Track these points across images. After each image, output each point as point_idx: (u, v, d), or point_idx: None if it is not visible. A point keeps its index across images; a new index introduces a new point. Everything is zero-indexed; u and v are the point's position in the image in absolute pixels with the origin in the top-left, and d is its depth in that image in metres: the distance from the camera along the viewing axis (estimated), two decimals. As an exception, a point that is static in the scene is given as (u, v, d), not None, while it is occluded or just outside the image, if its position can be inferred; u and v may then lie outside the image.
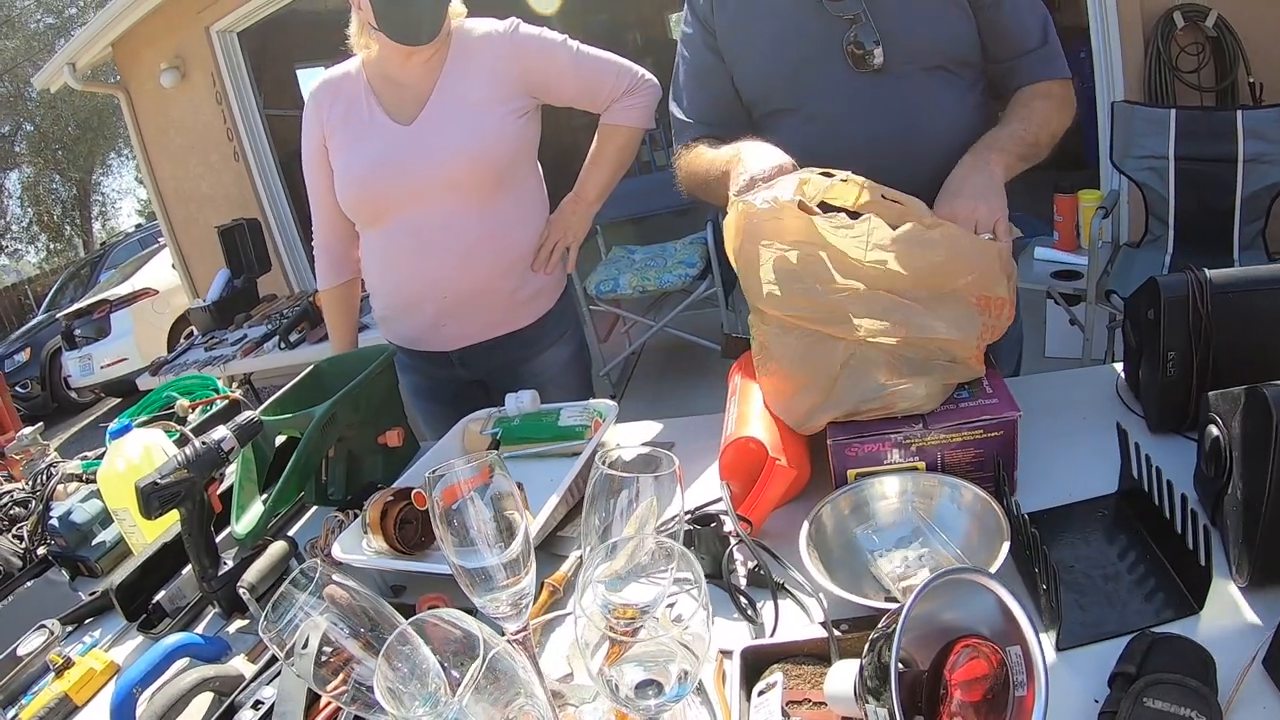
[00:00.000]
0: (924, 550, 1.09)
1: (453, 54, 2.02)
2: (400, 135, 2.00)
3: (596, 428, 1.61)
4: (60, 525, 1.95)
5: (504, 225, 2.09)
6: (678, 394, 4.90)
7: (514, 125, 2.03)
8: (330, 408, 1.65)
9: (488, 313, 2.14)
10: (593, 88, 2.13)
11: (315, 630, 0.99)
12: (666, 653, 0.72)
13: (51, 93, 10.44)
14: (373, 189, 2.03)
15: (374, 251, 2.15)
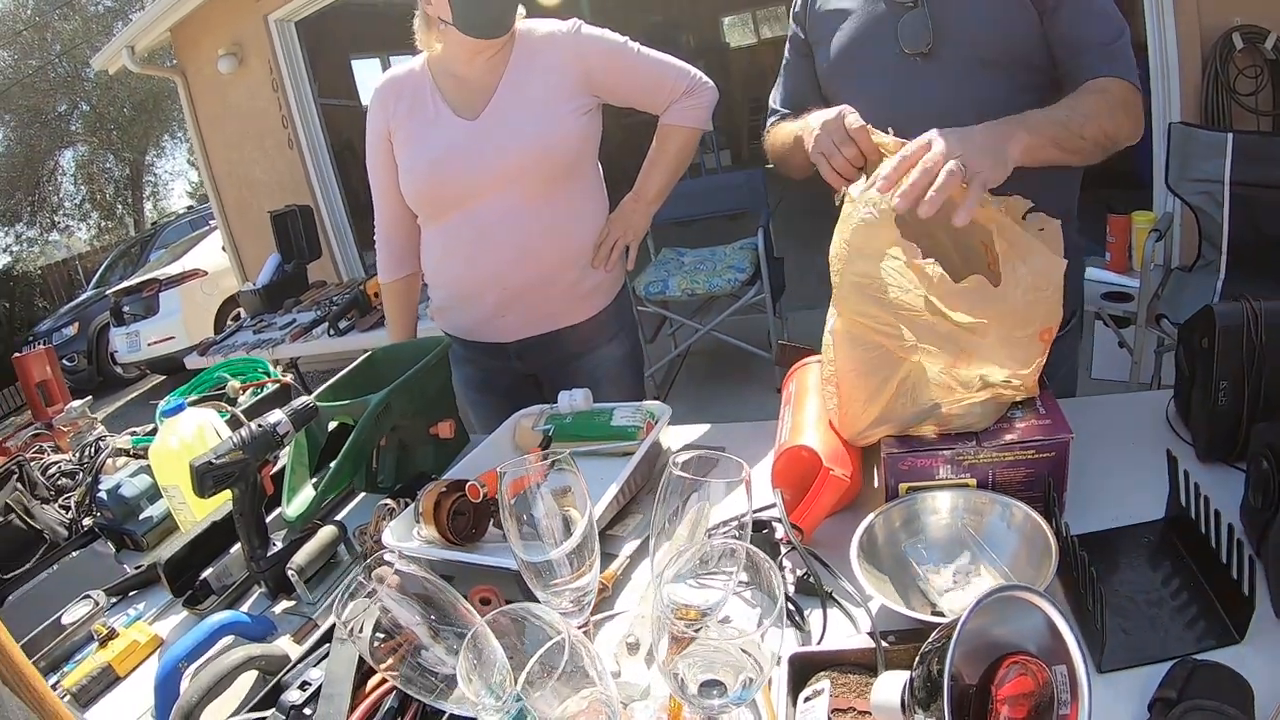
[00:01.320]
0: (972, 567, 1.10)
1: (516, 52, 2.07)
2: (466, 129, 2.05)
3: (649, 429, 1.62)
4: (108, 498, 1.98)
5: (566, 219, 2.14)
6: (722, 399, 4.90)
7: (577, 122, 2.08)
8: (385, 397, 1.68)
9: (546, 305, 2.19)
10: (653, 88, 2.17)
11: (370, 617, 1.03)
12: (723, 655, 0.74)
13: (109, 74, 10.60)
14: (439, 181, 2.08)
15: (437, 243, 2.20)
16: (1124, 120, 1.45)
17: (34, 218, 22.55)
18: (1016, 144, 1.28)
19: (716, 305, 5.10)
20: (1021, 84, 1.54)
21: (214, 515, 1.73)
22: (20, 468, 2.22)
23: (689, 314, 5.16)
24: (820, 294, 1.36)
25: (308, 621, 1.47)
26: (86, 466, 2.22)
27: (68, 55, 20.56)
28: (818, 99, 1.76)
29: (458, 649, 0.82)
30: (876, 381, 1.22)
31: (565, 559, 0.83)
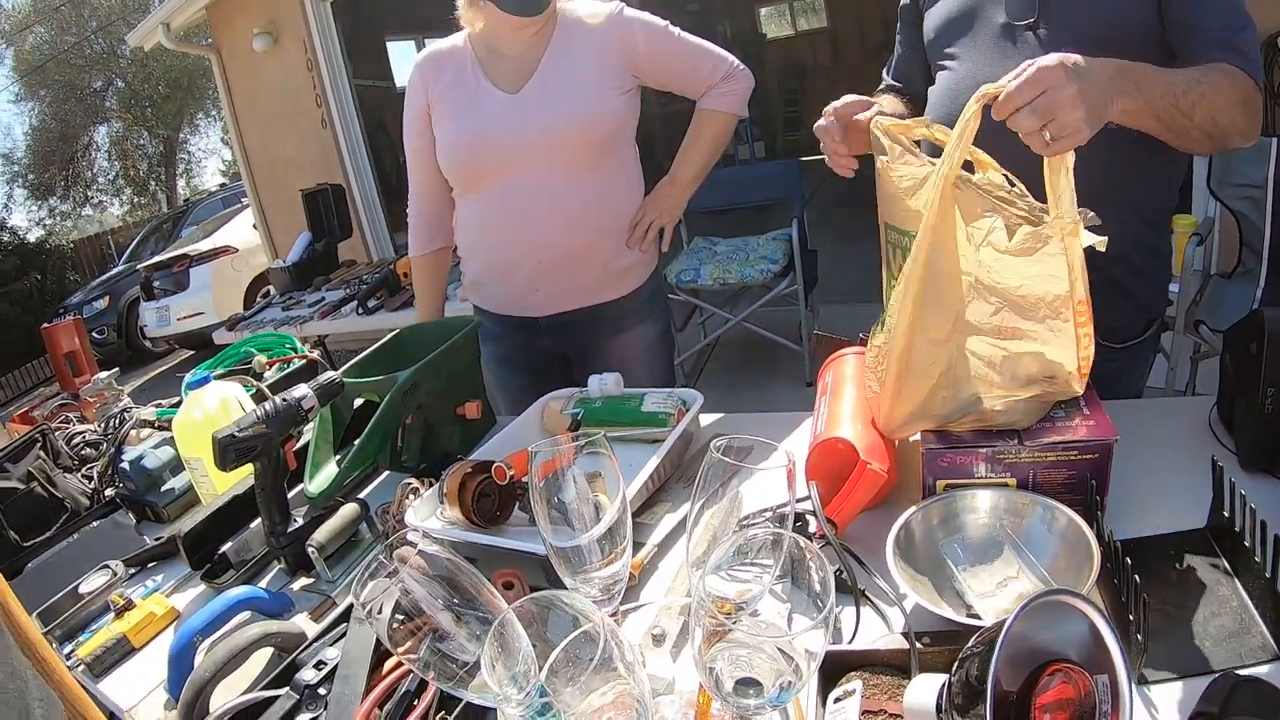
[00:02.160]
0: (1010, 569, 1.07)
1: (559, 30, 2.10)
2: (508, 102, 2.08)
3: (680, 416, 1.60)
4: (131, 469, 1.99)
5: (603, 194, 2.16)
6: (750, 389, 4.89)
7: (617, 100, 2.11)
8: (413, 375, 1.67)
9: (581, 279, 2.21)
10: (692, 73, 2.20)
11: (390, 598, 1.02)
12: (757, 653, 0.72)
13: (145, 51, 10.69)
14: (479, 153, 2.11)
15: (473, 216, 2.23)
16: (1240, 116, 1.35)
17: (67, 192, 22.88)
18: (1119, 102, 1.18)
19: (747, 296, 5.09)
20: None
21: (235, 489, 1.73)
22: (44, 436, 2.23)
23: (720, 303, 5.15)
24: (851, 289, 1.34)
25: (326, 600, 1.46)
26: (110, 437, 2.24)
27: (104, 31, 20.77)
28: (922, 68, 1.74)
29: (480, 635, 0.80)
30: (915, 373, 1.19)
31: (596, 544, 0.81)
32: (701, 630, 0.69)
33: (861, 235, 5.17)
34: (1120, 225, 1.25)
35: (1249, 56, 1.36)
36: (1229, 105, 1.32)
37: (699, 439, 1.64)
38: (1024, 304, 1.15)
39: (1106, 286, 1.41)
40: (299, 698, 1.15)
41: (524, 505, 1.41)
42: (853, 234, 5.78)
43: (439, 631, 0.82)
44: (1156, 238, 1.64)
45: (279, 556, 1.58)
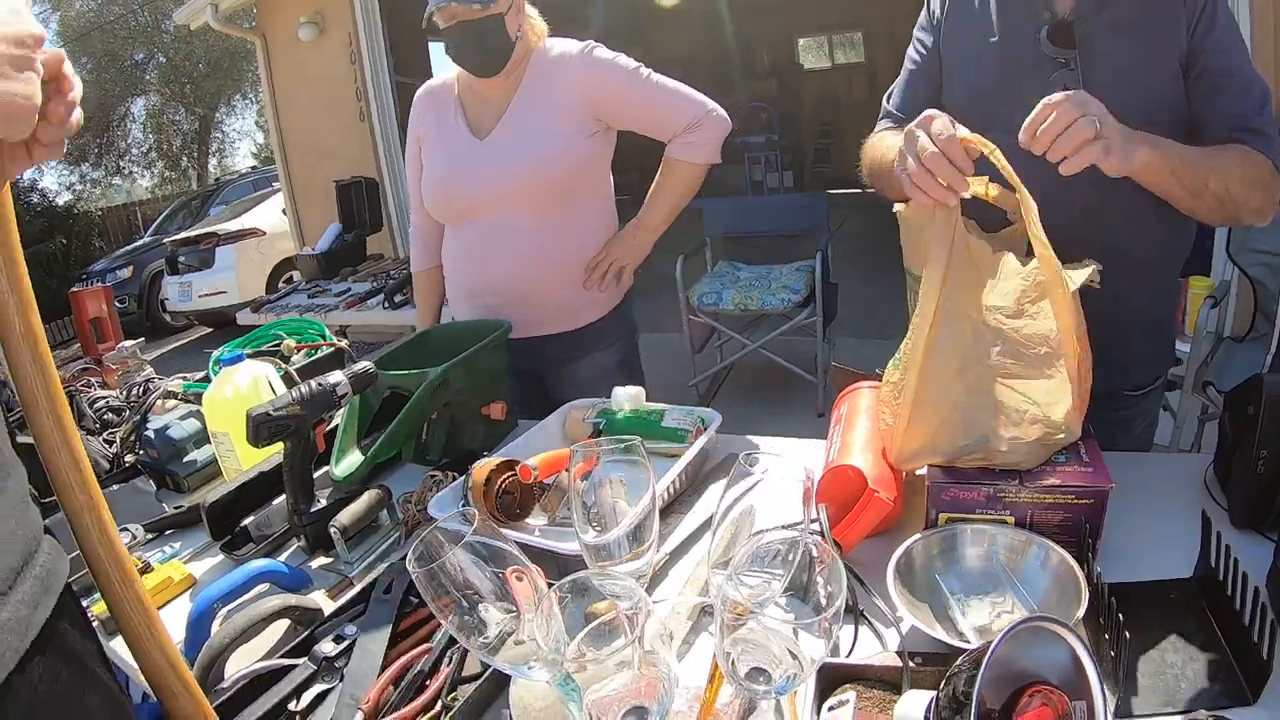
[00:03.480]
0: (1003, 601, 1.13)
1: (529, 74, 2.19)
2: (475, 147, 2.20)
3: (698, 433, 1.64)
4: (156, 438, 2.04)
5: (562, 237, 2.25)
6: (761, 415, 4.91)
7: (579, 144, 2.17)
8: (444, 372, 1.73)
9: (540, 313, 2.29)
10: (658, 119, 2.23)
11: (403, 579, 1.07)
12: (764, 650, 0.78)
13: (189, 29, 10.77)
14: (447, 195, 2.27)
15: (449, 245, 2.39)
16: (1256, 195, 1.40)
17: (100, 160, 22.99)
18: (1142, 151, 1.27)
19: (767, 323, 5.15)
20: None
21: (261, 466, 1.78)
22: (70, 398, 2.29)
23: (739, 328, 5.19)
24: (869, 324, 1.39)
25: (343, 579, 1.51)
26: (135, 405, 2.30)
27: (149, 5, 20.91)
28: (933, 104, 1.69)
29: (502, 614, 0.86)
30: (926, 408, 1.25)
31: (625, 539, 0.87)
32: (723, 622, 0.76)
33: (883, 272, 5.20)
34: (1134, 280, 1.32)
35: (1269, 138, 1.42)
36: (1244, 181, 1.38)
37: (713, 457, 1.69)
38: (1027, 344, 1.23)
39: (1117, 337, 1.47)
40: (316, 668, 1.21)
41: (544, 504, 1.47)
42: (874, 271, 5.82)
43: (475, 602, 0.86)
44: (1167, 295, 1.69)
45: (300, 534, 1.63)
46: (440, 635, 1.21)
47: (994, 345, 1.23)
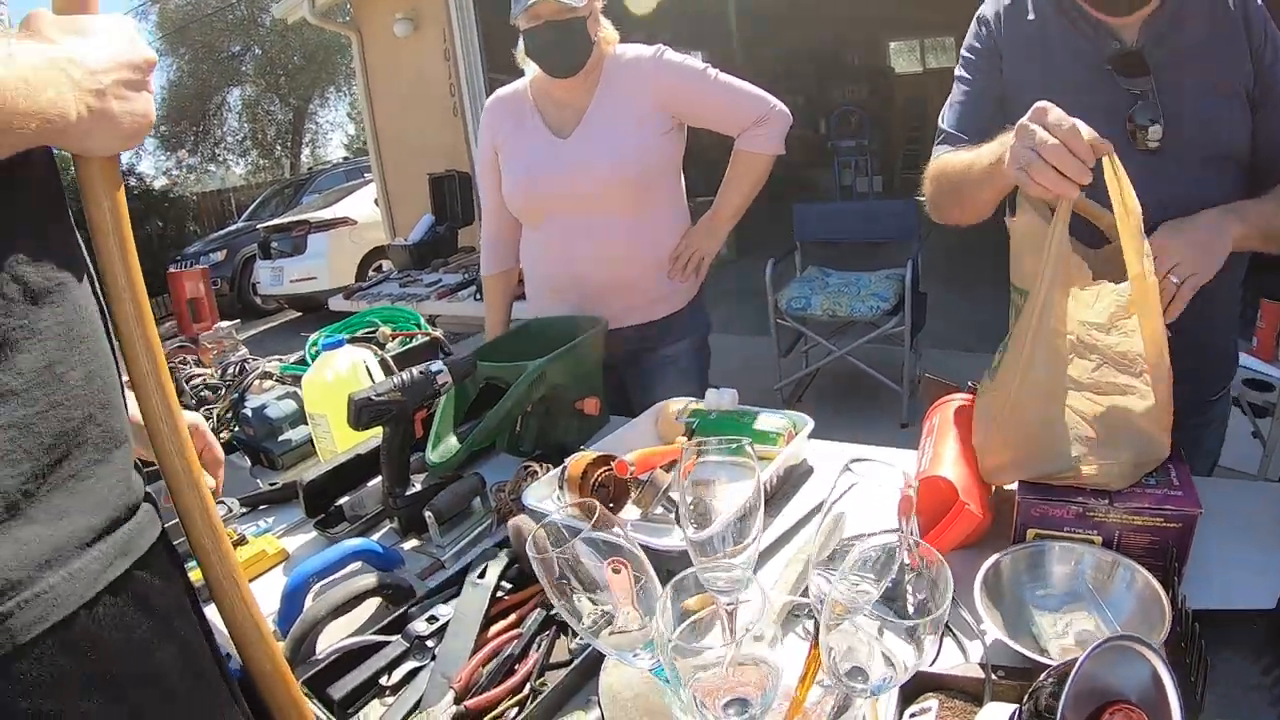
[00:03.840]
0: (1087, 621, 1.13)
1: (605, 77, 2.34)
2: (558, 147, 2.34)
3: (790, 437, 1.66)
4: (253, 416, 2.13)
5: (646, 228, 2.40)
6: (845, 422, 4.85)
7: (657, 142, 2.33)
8: (542, 366, 1.77)
9: (621, 304, 2.42)
10: (728, 114, 2.39)
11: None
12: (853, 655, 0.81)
13: (287, 24, 11.04)
14: (534, 193, 2.36)
15: (532, 243, 2.52)
16: None
17: (196, 147, 23.75)
18: (1230, 239, 1.33)
19: (854, 330, 5.12)
20: (1235, 180, 1.53)
21: (358, 448, 1.84)
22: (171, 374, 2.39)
23: (826, 334, 5.17)
24: (956, 336, 1.39)
25: (435, 562, 1.55)
26: (232, 384, 2.39)
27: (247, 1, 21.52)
28: (995, 125, 1.66)
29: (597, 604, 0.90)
30: (1018, 425, 1.26)
31: (729, 534, 0.90)
32: (826, 620, 0.79)
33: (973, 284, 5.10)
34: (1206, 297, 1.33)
35: None
36: None
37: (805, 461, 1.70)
38: (1121, 362, 1.23)
39: (1192, 348, 1.46)
40: (408, 646, 1.25)
41: (637, 500, 1.49)
42: (964, 282, 5.80)
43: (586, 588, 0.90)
44: (1228, 303, 1.70)
45: (393, 516, 1.68)
46: (530, 621, 1.26)
47: (1088, 362, 1.24)
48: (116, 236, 0.91)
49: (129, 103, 0.84)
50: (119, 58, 0.83)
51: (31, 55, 0.74)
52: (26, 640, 0.71)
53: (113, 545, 0.80)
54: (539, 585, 1.28)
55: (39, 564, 0.73)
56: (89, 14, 0.86)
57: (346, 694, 1.19)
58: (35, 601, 0.72)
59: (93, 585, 0.77)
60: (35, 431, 0.76)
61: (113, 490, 0.83)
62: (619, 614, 0.90)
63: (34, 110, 0.72)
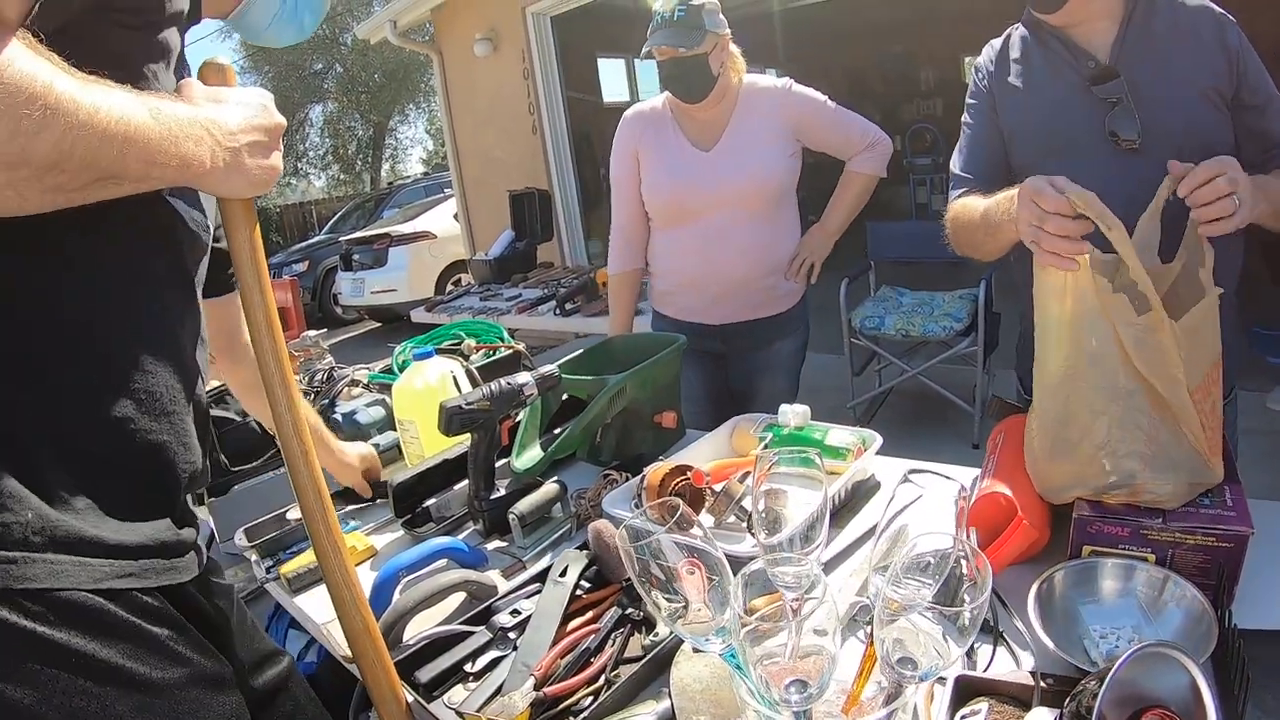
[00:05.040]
0: (1136, 635, 1.18)
1: (741, 101, 2.61)
2: (701, 158, 2.61)
3: (859, 453, 1.70)
4: (344, 420, 2.23)
5: (770, 236, 2.68)
6: (917, 442, 4.82)
7: (784, 163, 2.62)
8: (622, 381, 1.85)
9: (748, 298, 2.71)
10: (844, 140, 2.71)
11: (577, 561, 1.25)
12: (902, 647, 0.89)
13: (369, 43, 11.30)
14: (679, 198, 2.58)
15: (668, 243, 2.74)
16: None
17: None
18: (1260, 204, 1.40)
19: (926, 350, 5.10)
20: None
21: (446, 453, 1.93)
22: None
23: (898, 353, 5.15)
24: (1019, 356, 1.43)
25: (517, 562, 1.64)
26: (322, 390, 2.49)
27: (329, 21, 22.07)
28: (1002, 164, 1.84)
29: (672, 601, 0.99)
30: (1075, 444, 1.31)
31: (797, 539, 0.98)
32: (879, 614, 0.87)
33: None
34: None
35: None
36: None
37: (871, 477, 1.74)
38: (1172, 382, 1.26)
39: None
40: (492, 636, 1.34)
41: (711, 509, 1.56)
42: (1038, 302, 5.65)
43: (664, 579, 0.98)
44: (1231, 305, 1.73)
45: (478, 518, 1.77)
46: (607, 618, 1.33)
47: (1139, 382, 1.27)
48: (252, 262, 1.12)
49: (260, 158, 1.05)
50: (252, 121, 1.03)
51: (179, 113, 0.93)
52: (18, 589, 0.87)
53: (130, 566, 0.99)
54: (616, 586, 1.39)
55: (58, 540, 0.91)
56: (228, 85, 1.07)
57: (433, 677, 1.28)
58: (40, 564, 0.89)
59: (96, 581, 0.94)
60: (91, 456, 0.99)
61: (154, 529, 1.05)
62: (691, 609, 0.97)
63: (176, 154, 0.91)
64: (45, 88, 0.77)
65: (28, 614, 0.87)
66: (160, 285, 1.08)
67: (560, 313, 4.75)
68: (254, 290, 1.13)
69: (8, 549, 0.86)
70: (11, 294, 0.91)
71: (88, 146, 0.81)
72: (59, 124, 0.78)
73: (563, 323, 4.75)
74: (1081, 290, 1.30)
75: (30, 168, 0.78)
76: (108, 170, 0.85)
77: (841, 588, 1.31)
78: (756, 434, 1.86)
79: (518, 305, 5.10)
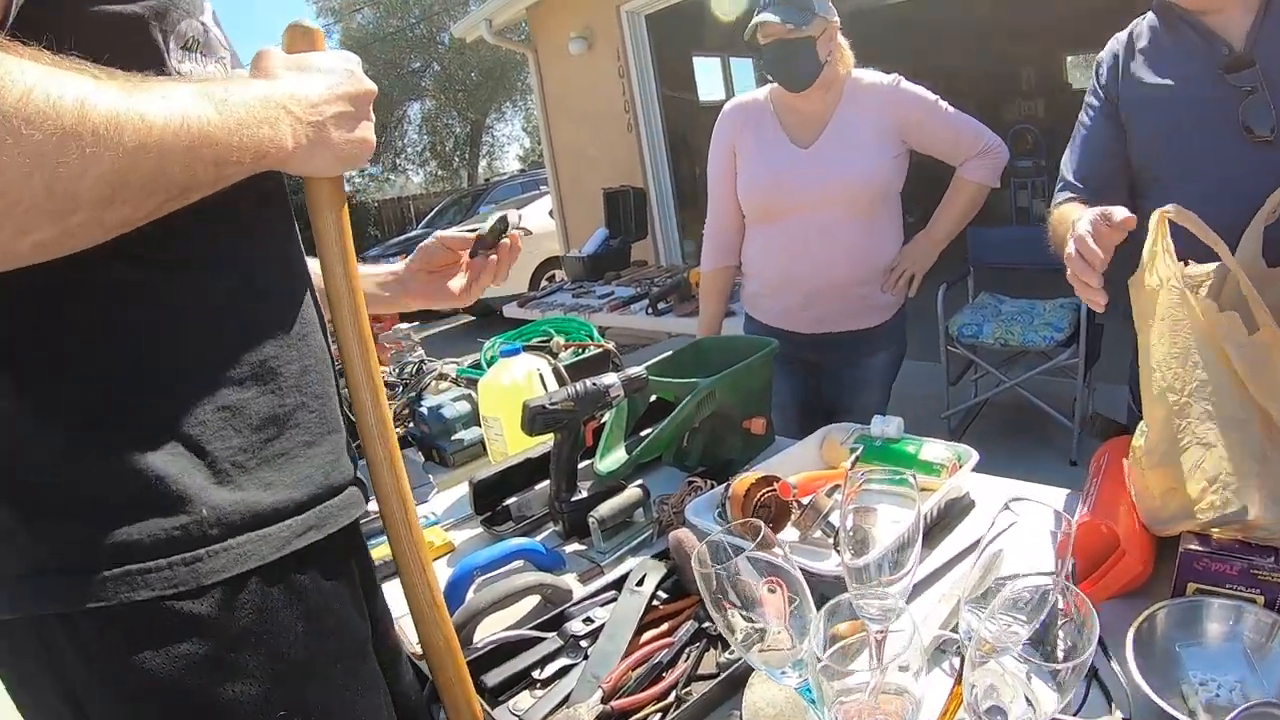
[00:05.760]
0: (1239, 684, 1.10)
1: (845, 95, 2.52)
2: (799, 155, 2.53)
3: (954, 470, 1.63)
4: (429, 414, 2.25)
5: (869, 240, 2.57)
6: (1012, 456, 4.65)
7: (888, 163, 2.51)
8: (711, 385, 1.81)
9: (843, 306, 2.62)
10: (954, 143, 2.58)
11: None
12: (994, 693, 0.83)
13: (465, 42, 11.44)
14: (774, 194, 2.52)
15: (762, 242, 2.68)
16: None
17: (378, 157, 24.96)
18: None
19: (1025, 360, 4.96)
20: None
21: (529, 452, 1.92)
22: (348, 370, 2.54)
23: (996, 363, 5.00)
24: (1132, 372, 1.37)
25: (594, 567, 1.61)
26: (409, 383, 2.51)
27: (427, 20, 22.50)
28: (1123, 174, 1.78)
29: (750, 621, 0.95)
30: (1185, 474, 1.23)
31: (886, 562, 0.93)
32: (972, 656, 0.82)
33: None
34: None
35: None
36: None
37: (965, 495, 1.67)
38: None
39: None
40: (563, 644, 1.32)
41: (797, 523, 1.51)
42: (1143, 312, 5.43)
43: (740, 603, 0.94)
44: None
45: (558, 520, 1.75)
46: (682, 632, 1.30)
47: (1254, 409, 1.20)
48: (339, 246, 1.02)
49: (347, 131, 0.94)
50: (337, 90, 0.93)
51: (249, 95, 0.83)
52: (209, 584, 0.82)
53: (309, 518, 0.93)
54: (694, 598, 1.36)
55: (234, 524, 0.85)
56: (316, 51, 0.97)
57: (500, 682, 1.27)
58: (222, 554, 0.84)
59: (279, 549, 0.88)
60: (246, 413, 0.89)
61: (319, 469, 0.96)
62: (770, 632, 0.94)
63: (251, 145, 0.81)
64: (78, 116, 0.65)
65: (218, 605, 0.84)
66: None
67: (652, 312, 4.71)
68: (340, 279, 1.02)
69: (191, 548, 0.82)
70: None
71: (145, 170, 0.71)
72: (106, 157, 0.67)
73: (654, 322, 4.73)
74: (1185, 309, 1.23)
75: (84, 211, 0.68)
76: (176, 186, 0.76)
77: (928, 615, 1.26)
78: (848, 445, 1.79)
79: (610, 303, 5.10)
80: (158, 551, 0.80)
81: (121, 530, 0.80)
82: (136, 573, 0.79)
